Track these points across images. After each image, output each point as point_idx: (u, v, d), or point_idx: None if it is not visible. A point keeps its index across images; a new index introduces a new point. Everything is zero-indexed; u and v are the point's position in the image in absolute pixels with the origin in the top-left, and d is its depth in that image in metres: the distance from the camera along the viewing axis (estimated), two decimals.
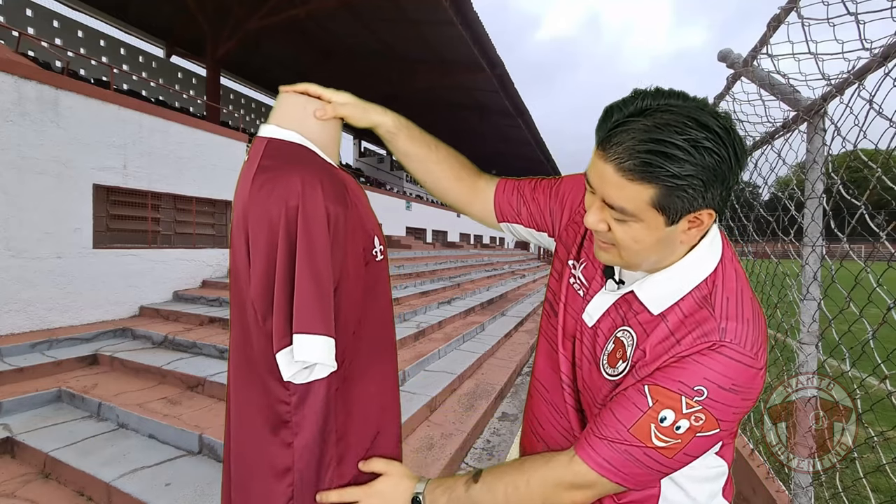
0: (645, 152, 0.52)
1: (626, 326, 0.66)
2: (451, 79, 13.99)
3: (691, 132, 0.51)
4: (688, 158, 0.52)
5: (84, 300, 4.56)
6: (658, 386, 0.58)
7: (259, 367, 0.67)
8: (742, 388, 0.56)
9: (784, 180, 1.92)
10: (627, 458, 0.58)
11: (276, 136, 0.72)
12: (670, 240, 0.60)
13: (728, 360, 0.57)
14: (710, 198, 0.55)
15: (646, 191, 0.54)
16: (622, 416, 0.59)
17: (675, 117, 0.52)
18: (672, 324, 0.61)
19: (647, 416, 0.58)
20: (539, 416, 0.81)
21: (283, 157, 0.69)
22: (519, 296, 9.62)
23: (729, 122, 0.54)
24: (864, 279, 1.21)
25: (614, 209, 0.58)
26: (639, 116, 0.53)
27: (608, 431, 0.60)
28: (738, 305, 0.60)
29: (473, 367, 4.32)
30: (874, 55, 1.08)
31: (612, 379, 0.66)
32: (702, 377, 0.56)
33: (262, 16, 10.45)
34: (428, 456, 2.55)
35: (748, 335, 0.58)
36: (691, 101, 0.54)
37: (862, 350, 1.24)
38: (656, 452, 0.58)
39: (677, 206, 0.55)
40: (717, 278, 0.62)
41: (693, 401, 0.56)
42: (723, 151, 0.52)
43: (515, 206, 0.88)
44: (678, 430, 0.57)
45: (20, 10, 12.16)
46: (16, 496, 2.15)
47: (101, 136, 4.73)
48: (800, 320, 1.58)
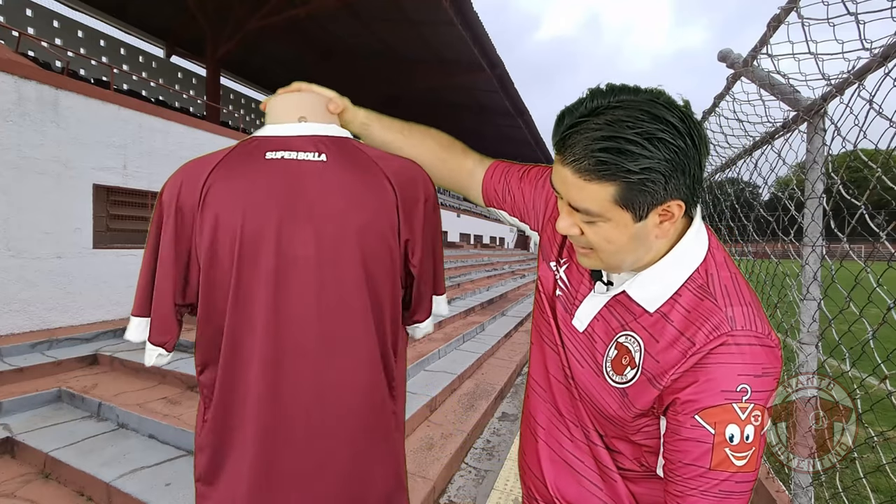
0: (599, 151, 0.52)
1: (628, 331, 0.64)
2: (451, 79, 14.01)
3: (643, 125, 0.51)
4: (642, 152, 0.51)
5: (84, 300, 4.56)
6: (705, 409, 0.55)
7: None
8: (771, 369, 0.56)
9: (784, 180, 1.92)
10: (725, 496, 0.55)
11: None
12: (643, 236, 0.59)
13: (749, 347, 0.55)
14: (672, 189, 0.54)
15: (606, 189, 0.54)
16: (696, 460, 0.56)
17: (626, 112, 0.52)
18: (678, 323, 0.60)
19: (718, 445, 0.55)
20: (538, 416, 0.79)
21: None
22: (519, 296, 9.61)
23: (685, 111, 0.54)
24: (864, 279, 1.21)
25: (580, 212, 0.58)
26: (591, 116, 0.53)
27: (694, 483, 0.56)
28: (736, 290, 0.59)
29: (473, 367, 4.32)
30: (874, 55, 1.07)
31: (619, 386, 0.64)
32: (736, 375, 0.55)
33: (262, 16, 10.46)
34: (428, 456, 2.55)
35: (755, 317, 0.57)
36: (643, 93, 0.54)
37: (862, 350, 1.24)
38: (742, 474, 0.55)
39: (640, 201, 0.55)
40: (708, 267, 0.61)
41: (743, 402, 0.54)
42: (679, 141, 0.52)
43: (501, 194, 0.88)
44: (748, 440, 0.55)
45: (20, 10, 12.16)
46: (16, 496, 2.15)
47: (101, 136, 4.73)
48: (800, 320, 1.58)
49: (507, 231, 29.99)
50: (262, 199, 0.72)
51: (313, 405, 0.74)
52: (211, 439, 0.75)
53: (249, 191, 0.72)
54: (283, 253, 0.72)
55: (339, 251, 0.74)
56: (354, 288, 0.75)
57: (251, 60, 14.82)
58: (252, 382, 0.72)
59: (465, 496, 2.38)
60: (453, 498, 2.36)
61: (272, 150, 0.75)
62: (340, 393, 0.75)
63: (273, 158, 0.74)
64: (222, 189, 0.72)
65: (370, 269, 0.76)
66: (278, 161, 0.74)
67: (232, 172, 0.73)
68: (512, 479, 2.55)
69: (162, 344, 0.77)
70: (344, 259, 0.74)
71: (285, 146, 0.76)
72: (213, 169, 0.73)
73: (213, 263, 0.72)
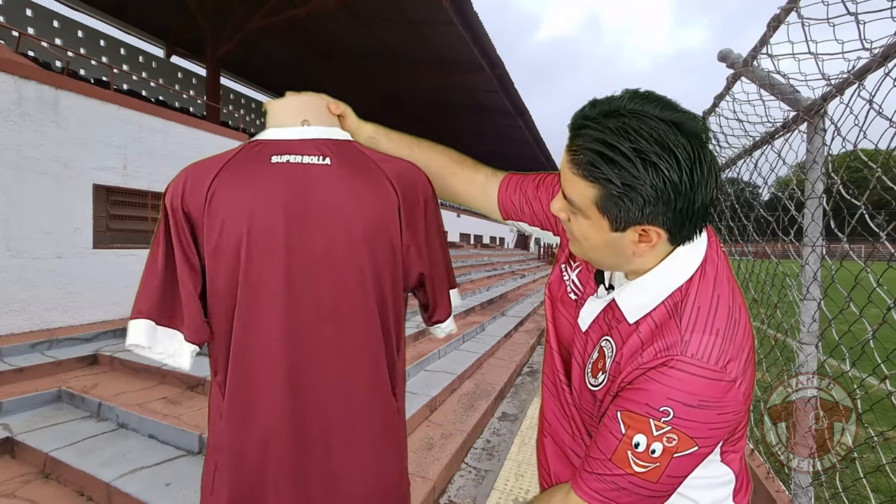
0: (594, 152, 0.53)
1: (608, 336, 0.66)
2: (451, 79, 13.99)
3: (641, 143, 0.51)
4: (629, 168, 0.52)
5: (84, 300, 4.55)
6: (627, 411, 0.57)
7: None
8: (712, 403, 0.54)
9: (784, 180, 1.92)
10: (615, 487, 0.58)
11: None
12: (620, 247, 0.59)
13: (688, 375, 0.55)
14: (650, 214, 0.54)
15: (589, 189, 0.56)
16: (603, 447, 0.59)
17: (637, 124, 0.52)
18: (643, 335, 0.60)
19: (623, 444, 0.57)
20: (547, 412, 0.82)
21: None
22: (519, 296, 9.61)
23: (698, 149, 0.52)
24: (864, 279, 1.21)
25: (567, 200, 0.60)
26: (608, 116, 0.53)
27: (595, 464, 0.60)
28: (708, 316, 0.58)
29: (473, 367, 4.32)
30: (874, 55, 1.08)
31: (593, 389, 0.66)
32: (665, 397, 0.55)
33: (262, 16, 10.45)
34: (428, 456, 2.55)
35: (714, 348, 0.56)
36: (670, 113, 0.52)
37: (862, 350, 1.24)
38: (638, 479, 0.57)
39: (615, 213, 0.55)
40: (691, 287, 0.60)
41: (661, 422, 0.55)
42: (672, 174, 0.51)
43: (518, 205, 0.88)
44: (654, 454, 0.56)
45: (20, 10, 12.16)
46: (16, 496, 2.15)
47: (101, 136, 4.73)
48: (800, 320, 1.58)
49: (507, 231, 29.99)
50: (269, 202, 0.73)
51: (326, 403, 0.75)
52: (228, 437, 0.75)
53: (256, 195, 0.73)
54: (292, 256, 0.73)
55: (346, 253, 0.75)
56: (362, 289, 0.76)
57: (251, 60, 14.81)
58: (265, 383, 0.73)
59: (465, 496, 2.38)
60: (453, 498, 2.36)
61: (277, 154, 0.76)
62: (351, 391, 0.76)
63: (278, 162, 0.75)
64: (228, 193, 0.73)
65: (376, 271, 0.77)
66: (284, 165, 0.75)
67: (238, 176, 0.74)
68: (512, 479, 2.55)
69: (200, 342, 0.77)
70: (351, 261, 0.75)
71: (290, 150, 0.77)
72: (218, 172, 0.74)
73: (220, 267, 0.73)
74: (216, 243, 0.72)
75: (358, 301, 0.76)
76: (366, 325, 0.77)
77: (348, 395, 0.77)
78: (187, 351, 0.76)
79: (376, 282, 0.77)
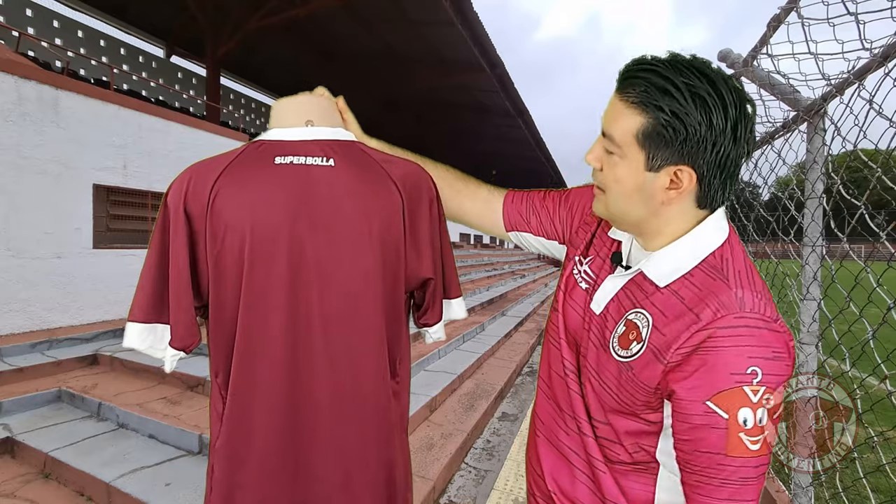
0: (648, 82, 0.56)
1: (638, 308, 0.65)
2: (451, 79, 14.00)
3: (694, 80, 0.55)
4: (679, 99, 0.55)
5: (84, 300, 4.56)
6: (717, 394, 0.54)
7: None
8: (783, 353, 0.55)
9: (784, 180, 1.92)
10: (744, 482, 0.55)
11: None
12: (650, 192, 0.61)
13: (758, 329, 0.55)
14: (689, 152, 0.57)
15: (635, 118, 0.58)
16: (712, 447, 0.55)
17: (691, 67, 0.56)
18: (687, 299, 0.59)
19: (732, 429, 0.54)
20: (540, 412, 0.82)
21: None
22: (519, 296, 9.61)
23: (742, 102, 0.56)
24: (864, 279, 1.21)
25: (606, 137, 0.62)
26: (663, 63, 0.57)
27: (713, 472, 0.56)
28: (749, 277, 0.59)
29: (473, 366, 4.32)
30: (874, 55, 1.07)
31: (623, 360, 0.64)
32: (747, 358, 0.54)
33: (262, 16, 10.46)
34: (428, 456, 2.55)
35: (765, 304, 0.57)
36: (721, 72, 0.57)
37: (862, 350, 1.24)
38: (758, 458, 0.55)
39: (656, 146, 0.58)
40: (725, 253, 0.62)
41: (754, 384, 0.53)
42: (717, 114, 0.55)
43: (525, 215, 0.90)
44: (762, 423, 0.54)
45: (20, 10, 12.17)
46: (16, 496, 2.15)
47: (101, 136, 4.73)
48: (800, 320, 1.58)
49: None
50: (272, 204, 0.72)
51: (328, 406, 0.74)
52: (229, 440, 0.75)
53: (259, 196, 0.72)
54: (296, 257, 0.72)
55: (351, 254, 0.75)
56: (367, 291, 0.76)
57: (251, 60, 14.81)
58: (268, 385, 0.73)
59: (465, 496, 2.38)
60: (453, 498, 2.36)
61: (280, 155, 0.76)
62: (356, 393, 0.76)
63: (282, 163, 0.75)
64: (231, 194, 0.72)
65: (380, 273, 0.76)
66: (287, 166, 0.75)
67: (241, 177, 0.74)
68: (512, 479, 2.55)
69: (184, 348, 0.76)
70: (355, 262, 0.75)
71: (294, 151, 0.76)
72: (220, 173, 0.73)
73: (223, 268, 0.73)
74: (220, 246, 0.72)
75: (361, 304, 0.75)
76: (370, 328, 0.76)
77: (351, 399, 0.76)
78: (169, 356, 0.75)
79: (380, 284, 0.77)
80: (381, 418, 0.79)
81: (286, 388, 0.73)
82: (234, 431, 0.74)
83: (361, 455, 0.77)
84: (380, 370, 0.78)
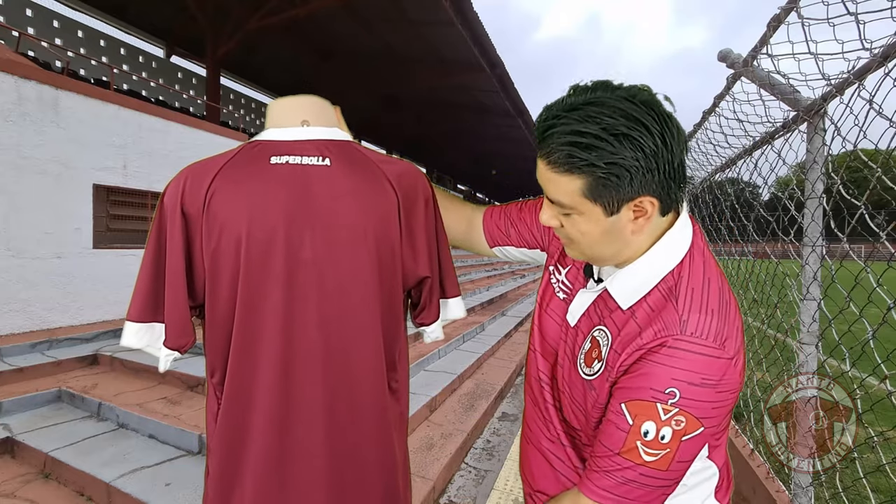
0: (567, 144, 0.55)
1: (601, 325, 0.66)
2: (451, 79, 14.00)
3: (606, 121, 0.53)
4: (605, 147, 0.53)
5: (84, 300, 4.56)
6: (633, 401, 0.57)
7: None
8: (714, 381, 0.55)
9: (784, 180, 1.92)
10: (624, 482, 0.58)
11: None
12: (618, 230, 0.60)
13: (689, 353, 0.56)
14: (640, 185, 0.56)
15: (574, 182, 0.57)
16: (609, 443, 0.59)
17: (598, 109, 0.54)
18: (641, 320, 0.61)
19: (632, 435, 0.57)
20: (528, 419, 0.82)
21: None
22: (519, 296, 9.61)
23: (659, 110, 0.55)
24: (864, 279, 1.21)
25: (555, 204, 0.61)
26: (568, 112, 0.55)
27: (602, 462, 0.59)
28: (702, 296, 0.59)
29: (473, 366, 4.32)
30: (874, 55, 1.07)
31: (587, 378, 0.66)
32: (669, 378, 0.55)
33: (262, 16, 10.46)
34: (428, 456, 2.55)
35: (711, 326, 0.57)
36: (620, 91, 0.55)
37: (862, 350, 1.24)
38: (648, 468, 0.57)
39: (608, 195, 0.57)
40: (682, 269, 0.62)
41: (668, 404, 0.55)
42: (648, 141, 0.53)
43: (504, 229, 0.91)
44: (663, 440, 0.56)
45: (20, 10, 12.17)
46: (16, 496, 2.15)
47: (101, 136, 4.73)
48: (800, 320, 1.58)
49: None
50: (268, 204, 0.72)
51: (326, 407, 0.74)
52: (224, 440, 0.75)
53: (255, 196, 0.72)
54: (292, 257, 0.72)
55: (347, 253, 0.74)
56: (364, 290, 0.75)
57: (251, 60, 14.80)
58: (264, 385, 0.73)
59: (465, 496, 2.38)
60: (453, 498, 2.36)
61: (276, 155, 0.75)
62: (353, 394, 0.76)
63: (278, 163, 0.75)
64: (227, 194, 0.72)
65: (376, 272, 0.76)
66: (283, 166, 0.75)
67: (237, 177, 0.73)
68: (512, 479, 2.55)
69: (179, 348, 0.76)
70: (352, 261, 0.75)
71: (289, 150, 0.76)
72: (217, 173, 0.73)
73: (219, 268, 0.72)
74: (215, 245, 0.72)
75: (358, 303, 0.75)
76: (366, 327, 0.76)
77: (349, 399, 0.76)
78: (163, 356, 0.76)
79: (377, 283, 0.77)
80: (379, 418, 0.79)
81: (282, 388, 0.73)
82: (229, 431, 0.74)
83: (359, 455, 0.77)
84: (377, 369, 0.78)
